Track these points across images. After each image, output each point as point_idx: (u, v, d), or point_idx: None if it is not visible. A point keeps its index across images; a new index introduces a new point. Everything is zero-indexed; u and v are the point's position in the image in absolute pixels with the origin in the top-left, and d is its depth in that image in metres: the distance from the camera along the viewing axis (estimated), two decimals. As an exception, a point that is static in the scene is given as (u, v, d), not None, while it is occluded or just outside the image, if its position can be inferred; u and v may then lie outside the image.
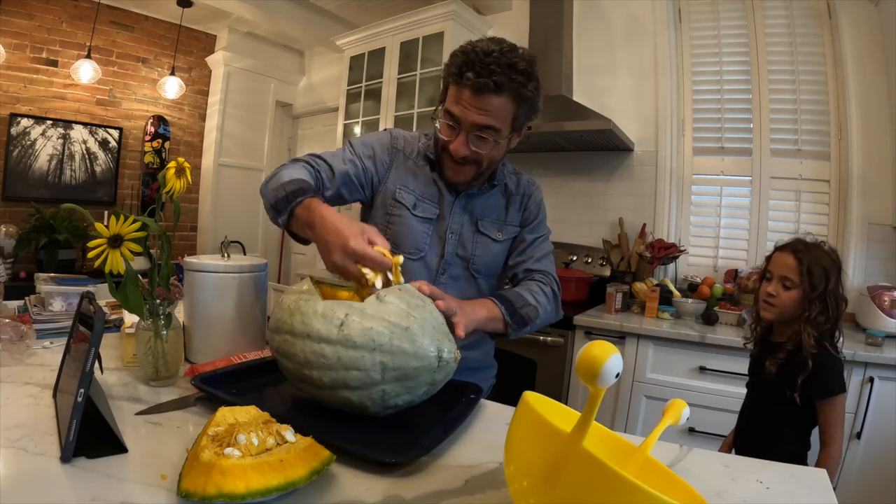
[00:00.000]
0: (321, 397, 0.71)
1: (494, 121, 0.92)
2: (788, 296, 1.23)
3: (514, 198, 1.12)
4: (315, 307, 0.70)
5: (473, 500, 0.56)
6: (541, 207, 1.15)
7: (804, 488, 0.61)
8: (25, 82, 3.09)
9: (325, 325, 0.67)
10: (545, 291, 1.05)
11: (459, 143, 0.95)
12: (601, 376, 0.39)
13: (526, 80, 0.91)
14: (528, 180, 1.16)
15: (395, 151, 1.09)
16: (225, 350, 0.95)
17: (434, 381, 0.70)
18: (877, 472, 1.62)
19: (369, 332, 0.66)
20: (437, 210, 1.07)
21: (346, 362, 0.66)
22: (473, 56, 0.89)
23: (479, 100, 0.90)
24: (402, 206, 1.06)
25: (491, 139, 0.94)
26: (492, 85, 0.88)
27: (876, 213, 2.12)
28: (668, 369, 1.91)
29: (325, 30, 3.59)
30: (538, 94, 0.95)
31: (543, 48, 2.60)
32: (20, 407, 0.71)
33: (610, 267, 2.51)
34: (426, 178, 1.07)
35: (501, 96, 0.90)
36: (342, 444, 0.60)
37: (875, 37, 2.12)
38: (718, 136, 2.47)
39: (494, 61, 0.88)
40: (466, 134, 0.94)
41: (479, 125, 0.92)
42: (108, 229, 0.75)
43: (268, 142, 4.21)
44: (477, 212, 1.08)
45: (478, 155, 0.96)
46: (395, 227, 1.06)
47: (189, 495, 0.47)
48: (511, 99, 0.91)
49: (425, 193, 1.07)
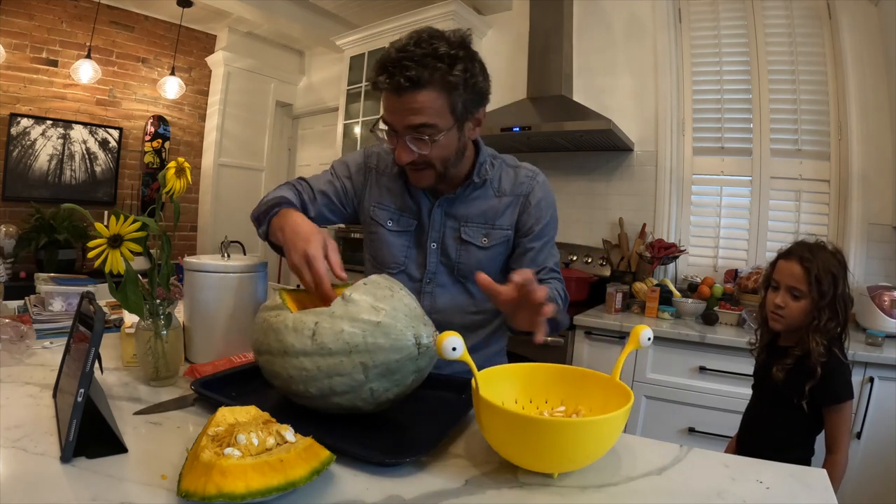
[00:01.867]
0: (314, 406, 0.70)
1: (425, 118, 0.85)
2: (797, 306, 1.18)
3: (507, 198, 1.02)
4: (285, 322, 0.69)
5: (473, 500, 0.56)
6: (543, 208, 1.02)
7: (804, 488, 0.61)
8: (25, 82, 3.09)
9: (298, 339, 0.67)
10: (561, 294, 0.99)
11: (399, 149, 0.90)
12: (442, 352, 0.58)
13: (449, 65, 0.83)
14: (527, 174, 1.04)
15: (368, 170, 1.08)
16: (225, 350, 0.95)
17: (419, 367, 0.69)
18: (877, 472, 1.62)
19: (341, 335, 0.65)
20: (415, 221, 1.04)
21: (326, 371, 0.65)
22: (386, 57, 0.84)
23: (401, 101, 0.84)
24: (377, 224, 1.06)
25: (428, 137, 0.87)
26: (406, 82, 0.81)
27: (876, 213, 2.12)
28: (668, 369, 1.91)
29: (325, 30, 3.59)
30: (472, 74, 0.86)
31: (543, 48, 2.60)
32: (20, 407, 0.71)
33: (610, 267, 2.51)
34: (401, 190, 1.05)
35: (423, 90, 0.83)
36: (341, 444, 0.60)
37: (875, 37, 2.12)
38: (718, 136, 2.47)
39: (408, 56, 0.81)
40: (403, 138, 0.88)
41: (410, 126, 0.86)
42: (108, 229, 0.75)
43: (268, 142, 4.21)
44: (460, 216, 1.02)
45: (423, 157, 0.90)
46: (375, 244, 1.07)
47: (189, 495, 0.47)
48: (437, 90, 0.84)
49: (402, 206, 1.04)
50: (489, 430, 0.62)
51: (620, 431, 0.62)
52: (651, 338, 0.67)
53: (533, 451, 0.59)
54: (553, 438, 0.57)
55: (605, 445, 0.61)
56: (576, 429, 0.57)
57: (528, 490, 0.58)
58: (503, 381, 0.72)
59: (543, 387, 0.73)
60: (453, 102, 0.86)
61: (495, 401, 0.60)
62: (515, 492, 0.58)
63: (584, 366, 1.26)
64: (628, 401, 0.61)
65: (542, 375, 0.74)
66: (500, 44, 3.06)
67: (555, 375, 0.73)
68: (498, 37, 3.08)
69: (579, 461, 0.61)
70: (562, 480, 0.61)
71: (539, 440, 0.57)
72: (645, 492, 0.59)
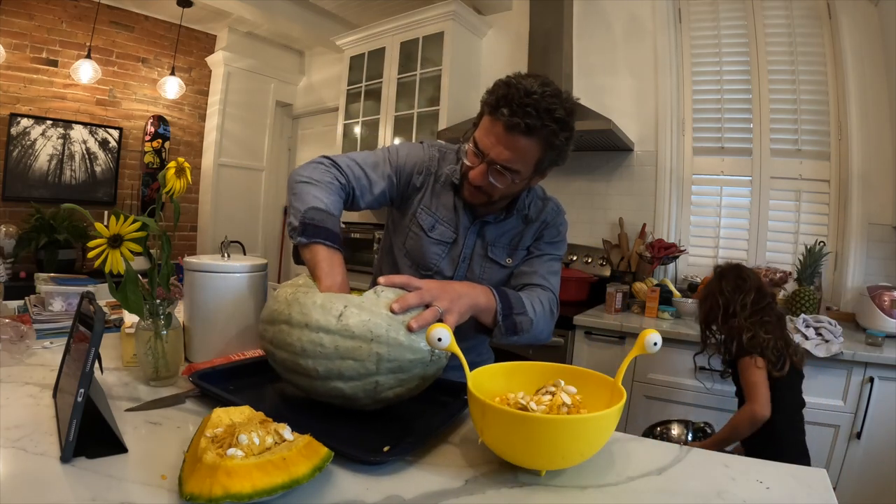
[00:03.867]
0: (312, 388, 0.71)
1: (518, 163, 0.91)
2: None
3: (532, 225, 1.09)
4: (314, 299, 0.72)
5: (473, 500, 0.56)
6: (558, 232, 1.11)
7: (804, 488, 0.61)
8: (25, 82, 3.09)
9: (323, 316, 0.69)
10: (545, 306, 1.00)
11: (479, 172, 0.94)
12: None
13: (560, 129, 0.89)
14: (553, 208, 1.12)
15: (428, 174, 1.09)
16: (224, 349, 0.95)
17: (426, 375, 0.72)
18: (877, 472, 1.62)
19: (367, 323, 0.68)
20: (454, 235, 1.07)
21: (342, 352, 0.67)
22: (514, 92, 0.87)
23: (507, 138, 0.89)
24: (420, 227, 1.08)
25: (510, 177, 0.93)
26: (523, 126, 0.87)
27: (876, 213, 2.12)
28: (668, 369, 1.91)
29: (325, 30, 3.59)
30: (569, 143, 0.94)
31: (543, 48, 2.60)
32: (20, 407, 0.71)
33: (610, 267, 2.51)
34: (448, 202, 1.08)
35: (531, 139, 0.89)
36: (335, 443, 0.60)
37: (875, 37, 2.12)
38: (718, 136, 2.47)
39: (533, 103, 0.86)
40: (488, 166, 0.93)
41: (502, 163, 0.91)
42: (108, 229, 0.75)
43: (268, 142, 4.21)
44: (489, 237, 1.08)
45: (493, 188, 0.95)
46: (412, 243, 1.09)
47: (194, 498, 0.47)
48: (540, 144, 0.90)
49: (445, 217, 1.08)
50: (481, 428, 0.62)
51: (612, 430, 0.61)
52: (658, 343, 0.62)
53: (523, 447, 0.59)
54: (542, 435, 0.57)
55: (594, 444, 0.60)
56: (565, 426, 0.57)
57: (528, 490, 0.58)
58: (502, 379, 0.72)
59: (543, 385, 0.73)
60: (542, 158, 0.93)
61: (495, 398, 0.60)
62: (515, 491, 0.58)
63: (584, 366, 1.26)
64: (621, 399, 0.61)
65: (544, 373, 0.73)
66: (500, 44, 3.06)
67: (554, 375, 0.73)
68: (498, 37, 3.08)
69: (570, 459, 0.60)
70: (562, 480, 0.61)
71: (530, 437, 0.57)
72: (645, 492, 0.59)
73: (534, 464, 0.61)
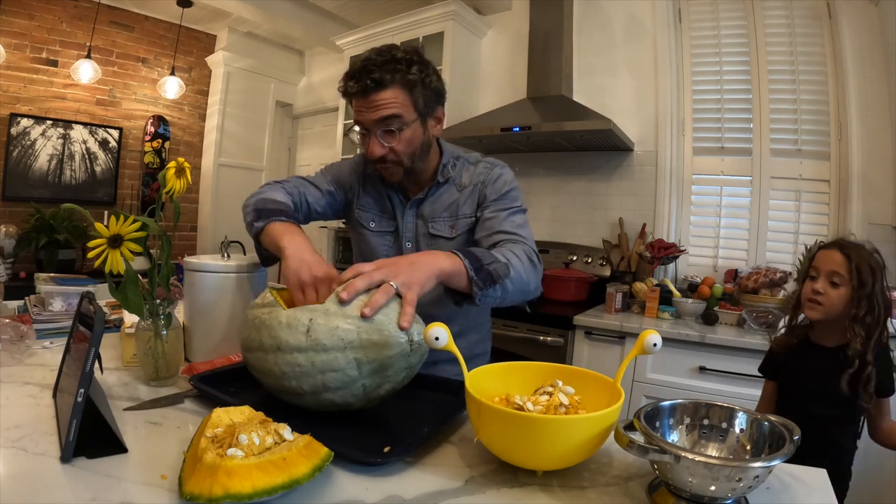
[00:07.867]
0: (304, 404, 0.70)
1: (391, 110, 0.94)
2: (837, 293, 1.17)
3: (466, 189, 1.08)
4: (279, 318, 0.70)
5: (473, 500, 0.56)
6: (499, 186, 1.06)
7: (804, 488, 0.61)
8: (25, 82, 3.09)
9: (292, 335, 0.67)
10: (517, 253, 0.92)
11: (371, 145, 0.98)
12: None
13: (406, 66, 0.94)
14: (485, 166, 1.09)
15: (358, 176, 1.15)
16: (224, 350, 0.95)
17: (411, 364, 0.71)
18: (877, 472, 1.62)
19: (336, 331, 0.66)
20: (393, 221, 1.11)
21: (320, 366, 0.66)
22: (352, 66, 0.96)
23: (368, 101, 0.94)
24: (362, 226, 1.14)
25: (396, 128, 0.96)
26: (372, 83, 0.92)
27: (876, 213, 2.12)
28: (668, 369, 1.91)
29: (325, 30, 3.59)
30: (427, 74, 0.97)
31: (543, 48, 2.60)
32: (20, 407, 0.71)
33: (610, 267, 2.51)
34: (378, 194, 1.13)
35: (387, 89, 0.93)
36: (335, 445, 0.59)
37: (875, 37, 2.12)
38: (718, 136, 2.47)
39: (371, 62, 0.93)
40: (373, 135, 0.97)
41: (379, 119, 0.95)
42: (108, 229, 0.75)
43: (268, 142, 4.21)
44: (426, 214, 1.09)
45: (394, 152, 0.98)
46: (363, 244, 1.15)
47: (195, 498, 0.47)
48: (399, 88, 0.94)
49: (380, 208, 1.13)
50: (478, 427, 0.62)
51: (610, 430, 0.59)
52: (658, 344, 0.60)
53: (518, 447, 0.59)
54: (537, 435, 0.57)
55: (591, 444, 0.59)
56: (559, 426, 0.57)
57: (528, 490, 0.58)
58: (501, 379, 0.72)
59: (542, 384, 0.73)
60: (414, 98, 0.97)
61: (493, 398, 0.60)
62: (515, 491, 0.58)
63: (584, 366, 1.26)
64: (619, 399, 0.61)
65: (542, 373, 0.73)
66: (500, 44, 3.06)
67: (553, 375, 0.73)
68: (498, 37, 3.08)
69: (566, 459, 0.60)
70: (562, 480, 0.61)
71: (524, 436, 0.57)
72: (645, 492, 0.59)
73: (530, 464, 0.61)
